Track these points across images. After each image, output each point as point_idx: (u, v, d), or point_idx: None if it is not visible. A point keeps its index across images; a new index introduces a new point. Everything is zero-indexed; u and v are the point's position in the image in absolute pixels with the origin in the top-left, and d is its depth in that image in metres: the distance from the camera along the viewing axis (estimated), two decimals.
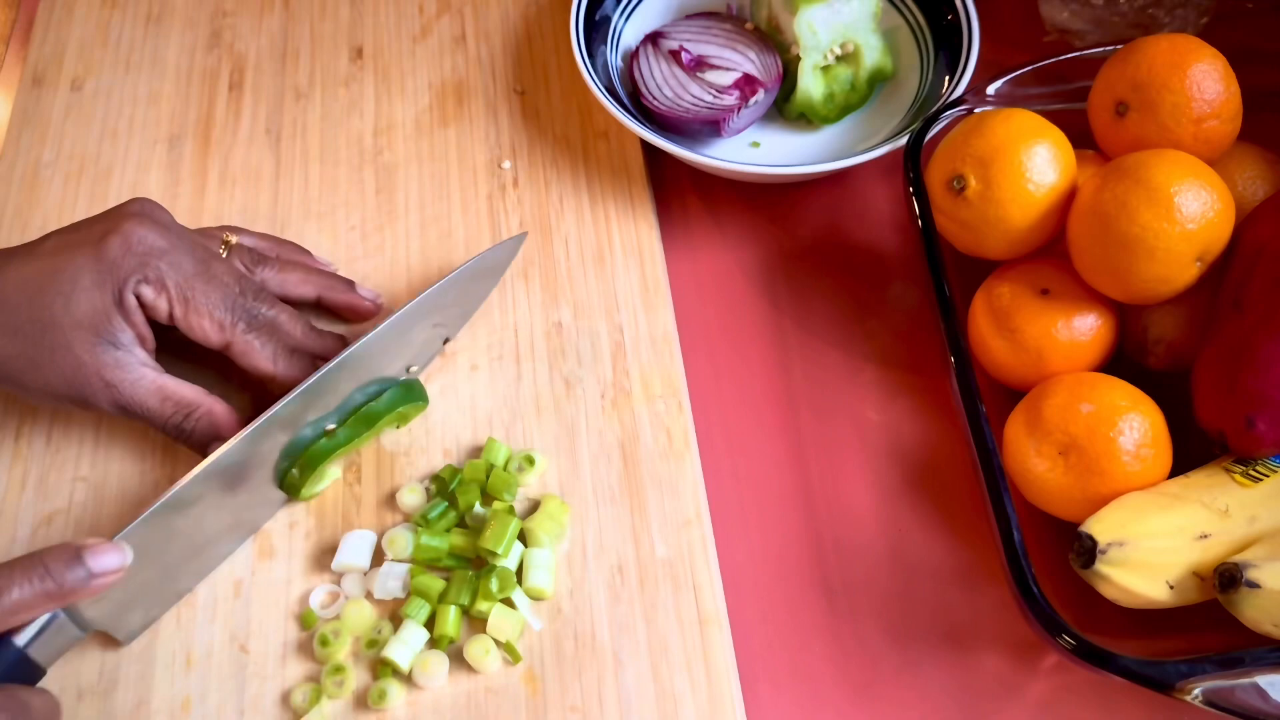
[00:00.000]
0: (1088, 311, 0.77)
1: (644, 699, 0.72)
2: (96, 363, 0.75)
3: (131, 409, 0.77)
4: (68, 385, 0.76)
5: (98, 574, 0.65)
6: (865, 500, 0.82)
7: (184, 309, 0.77)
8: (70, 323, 0.75)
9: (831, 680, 0.76)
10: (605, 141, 0.98)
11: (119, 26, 1.09)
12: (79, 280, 0.75)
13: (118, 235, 0.76)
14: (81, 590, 0.65)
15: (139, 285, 0.75)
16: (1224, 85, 0.77)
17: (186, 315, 0.77)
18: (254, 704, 0.73)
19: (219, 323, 0.78)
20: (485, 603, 0.74)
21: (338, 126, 1.01)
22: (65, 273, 0.75)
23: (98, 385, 0.76)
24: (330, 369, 0.76)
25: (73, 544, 0.65)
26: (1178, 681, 0.61)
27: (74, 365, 0.75)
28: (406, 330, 0.81)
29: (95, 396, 0.77)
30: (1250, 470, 0.70)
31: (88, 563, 0.65)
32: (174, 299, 0.76)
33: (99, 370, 0.76)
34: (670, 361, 0.86)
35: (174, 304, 0.76)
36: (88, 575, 0.65)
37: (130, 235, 0.76)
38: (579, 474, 0.81)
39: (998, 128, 0.78)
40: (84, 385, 0.76)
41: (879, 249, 0.94)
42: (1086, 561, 0.67)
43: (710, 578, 0.77)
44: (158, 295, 0.76)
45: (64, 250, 0.76)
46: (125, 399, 0.77)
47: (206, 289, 0.77)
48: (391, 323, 0.78)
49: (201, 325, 0.77)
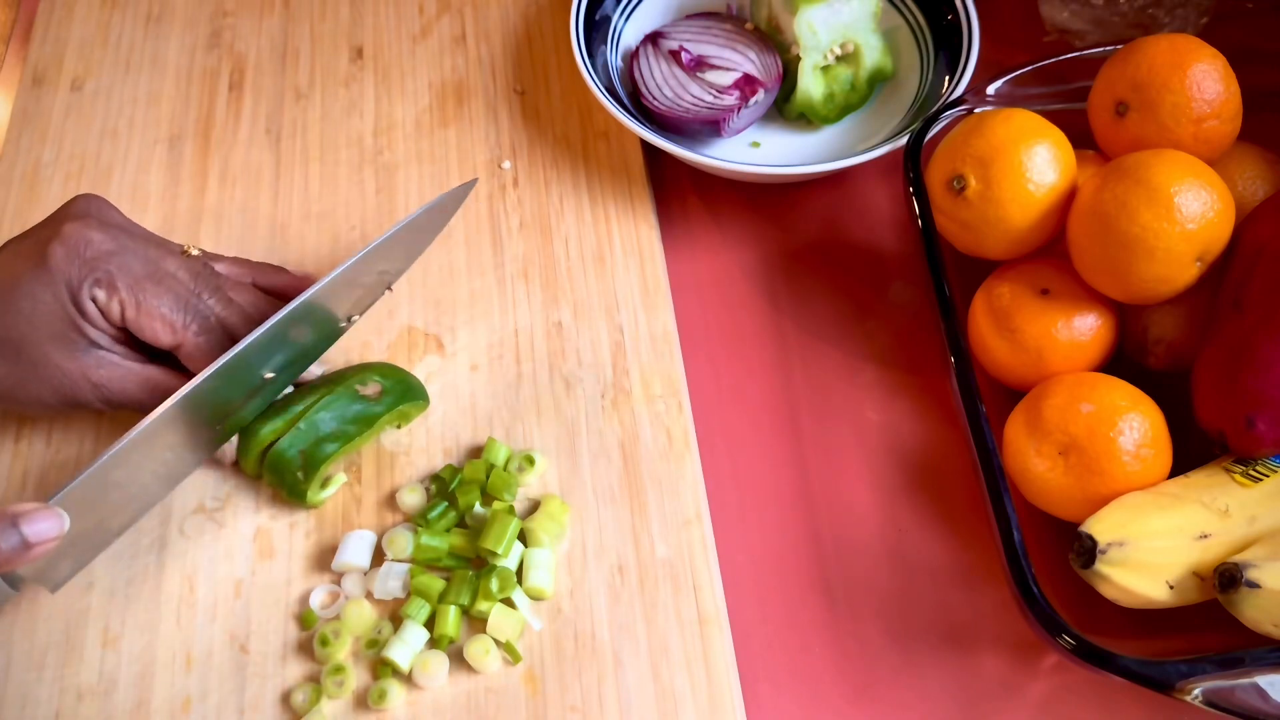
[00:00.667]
0: (1088, 311, 0.77)
1: (644, 699, 0.72)
2: (79, 366, 0.75)
3: (122, 403, 0.77)
4: (57, 394, 0.76)
5: (33, 542, 0.64)
6: (865, 500, 0.82)
7: (135, 311, 0.75)
8: (41, 337, 0.74)
9: (831, 680, 0.76)
10: (605, 141, 0.98)
11: (119, 26, 1.10)
12: (35, 294, 0.73)
13: (59, 242, 0.74)
14: (16, 559, 0.63)
15: (93, 289, 0.74)
16: (1224, 85, 0.77)
17: (138, 318, 0.75)
18: (254, 704, 0.73)
19: (170, 324, 0.76)
20: (485, 603, 0.74)
21: (338, 126, 1.01)
22: (20, 289, 0.74)
23: (85, 388, 0.76)
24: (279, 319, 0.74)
25: (7, 510, 0.64)
26: (1178, 681, 0.61)
27: (58, 374, 0.75)
28: (353, 280, 0.79)
29: (85, 398, 0.77)
30: (1250, 470, 0.70)
31: (23, 530, 0.63)
32: (124, 301, 0.75)
33: (83, 373, 0.75)
34: (670, 361, 0.86)
35: (125, 306, 0.75)
36: (22, 544, 0.63)
37: (72, 240, 0.74)
38: (579, 474, 0.81)
39: (998, 128, 0.78)
40: (72, 390, 0.76)
41: (879, 249, 0.94)
42: (1086, 561, 0.67)
43: (710, 578, 0.77)
44: (109, 298, 0.74)
45: (13, 264, 0.75)
46: (114, 395, 0.77)
47: (157, 290, 0.76)
48: (341, 273, 0.76)
49: (153, 327, 0.76)
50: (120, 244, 0.76)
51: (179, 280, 0.77)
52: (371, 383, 0.81)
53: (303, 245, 0.93)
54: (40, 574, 0.71)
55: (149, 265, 0.76)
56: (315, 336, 0.81)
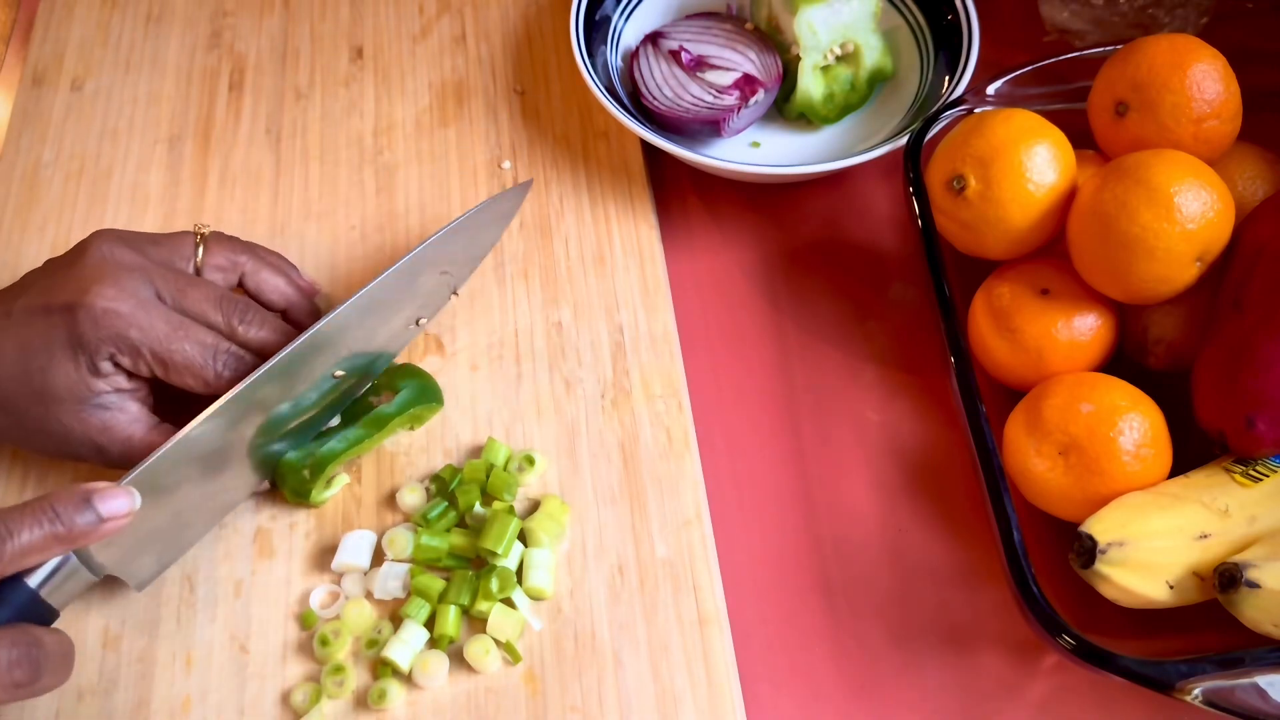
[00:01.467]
0: (1088, 311, 0.77)
1: (644, 699, 0.72)
2: (84, 428, 0.76)
3: (122, 465, 0.77)
4: (60, 450, 0.78)
5: (106, 518, 0.66)
6: (865, 500, 0.82)
7: (164, 370, 0.76)
8: (51, 396, 0.75)
9: (832, 680, 0.75)
10: (605, 142, 0.98)
11: (119, 26, 1.09)
12: (53, 354, 0.74)
13: (84, 310, 0.74)
14: (91, 534, 0.66)
15: (115, 357, 0.75)
16: (1224, 85, 0.77)
17: (168, 375, 0.76)
18: (254, 704, 0.73)
19: (202, 379, 0.76)
20: (485, 603, 0.74)
21: (338, 127, 1.01)
22: (37, 346, 0.74)
23: (88, 450, 0.77)
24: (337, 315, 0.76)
25: (82, 487, 0.66)
26: (1178, 681, 0.61)
27: (62, 433, 0.76)
28: (413, 278, 0.80)
29: (88, 458, 0.78)
30: (1250, 470, 0.70)
31: (96, 506, 0.66)
32: (151, 363, 0.75)
33: (86, 435, 0.76)
34: (670, 361, 0.86)
35: (153, 367, 0.75)
36: (96, 519, 0.65)
37: (95, 309, 0.74)
38: (579, 474, 0.81)
39: (998, 128, 0.78)
40: (75, 450, 0.77)
41: (879, 249, 0.94)
42: (1086, 561, 0.67)
43: (710, 578, 0.76)
44: (135, 362, 0.75)
45: (33, 320, 0.75)
46: (116, 460, 0.77)
47: (182, 345, 0.76)
48: (397, 269, 0.78)
49: (185, 382, 0.76)
50: (141, 300, 0.75)
51: (207, 319, 0.78)
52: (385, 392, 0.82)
53: (302, 245, 0.93)
54: (124, 566, 0.73)
55: (170, 324, 0.76)
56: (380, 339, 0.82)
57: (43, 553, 0.64)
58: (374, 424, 0.80)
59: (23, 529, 0.63)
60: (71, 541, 0.65)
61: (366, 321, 0.79)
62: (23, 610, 0.66)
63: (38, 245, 0.94)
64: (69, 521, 0.64)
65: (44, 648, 0.63)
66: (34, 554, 0.64)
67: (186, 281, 0.79)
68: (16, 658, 0.61)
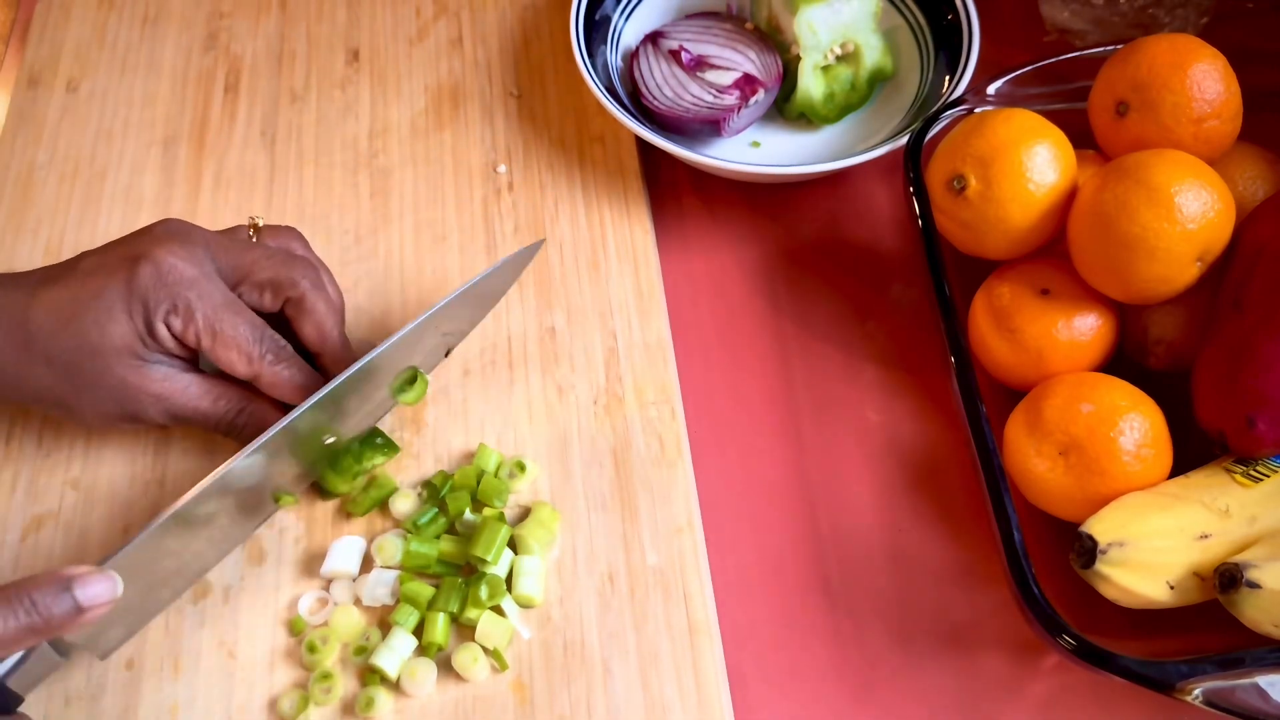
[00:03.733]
0: (1088, 311, 0.76)
1: (633, 708, 0.72)
2: (142, 380, 0.75)
3: (185, 416, 0.77)
4: (118, 405, 0.76)
5: (86, 607, 0.62)
6: (865, 500, 0.82)
7: (211, 340, 0.75)
8: (109, 349, 0.73)
9: (831, 681, 0.75)
10: (601, 145, 0.98)
11: (115, 28, 1.09)
12: (112, 308, 0.73)
13: (149, 263, 0.74)
14: (68, 624, 0.61)
15: (168, 316, 0.74)
16: (1224, 85, 0.77)
17: (214, 347, 0.75)
18: (241, 710, 0.73)
19: (247, 355, 0.75)
20: (474, 610, 0.73)
21: (333, 129, 1.01)
22: (99, 300, 0.73)
23: (148, 401, 0.76)
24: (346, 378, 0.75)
25: (60, 573, 0.62)
26: (1178, 681, 0.61)
27: (120, 385, 0.75)
28: (418, 339, 0.79)
29: (147, 411, 0.76)
30: (1250, 470, 0.70)
31: (76, 595, 0.61)
32: (201, 330, 0.74)
33: (145, 387, 0.75)
34: (664, 368, 0.85)
35: (201, 335, 0.74)
36: (75, 609, 0.61)
37: (162, 264, 0.74)
38: (570, 481, 0.80)
39: (998, 128, 0.77)
40: (134, 403, 0.76)
41: (879, 249, 0.94)
42: (1086, 561, 0.67)
43: (701, 586, 0.76)
44: (185, 326, 0.74)
45: (96, 275, 0.74)
46: (178, 408, 0.76)
47: (235, 320, 0.75)
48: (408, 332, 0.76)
49: (229, 357, 0.75)
50: (203, 270, 0.75)
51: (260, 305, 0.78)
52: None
53: None
54: (91, 640, 0.70)
55: (227, 295, 0.76)
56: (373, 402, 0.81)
57: (15, 645, 0.60)
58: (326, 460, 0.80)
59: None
60: (48, 632, 0.61)
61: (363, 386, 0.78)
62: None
63: (31, 247, 0.94)
64: (46, 612, 0.60)
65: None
66: (8, 646, 0.60)
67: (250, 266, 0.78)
68: None
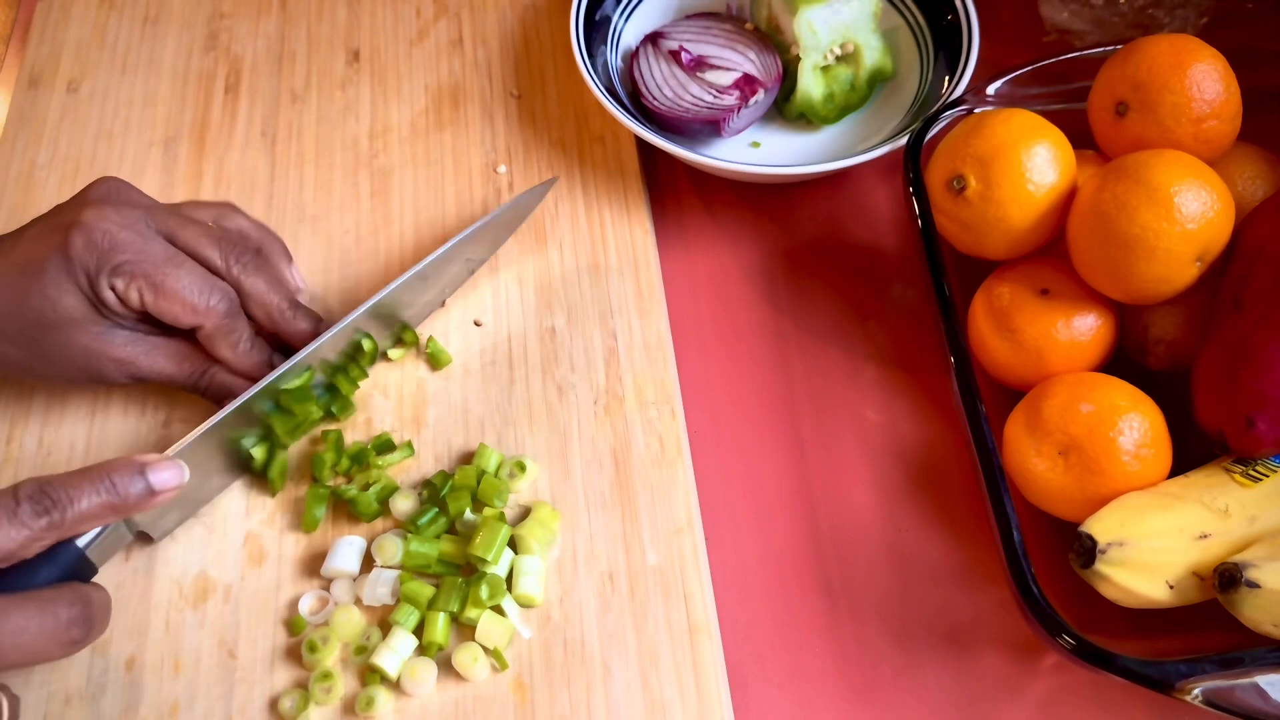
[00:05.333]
0: (1088, 311, 0.76)
1: (633, 708, 0.72)
2: (104, 346, 0.77)
3: (149, 377, 0.79)
4: (82, 371, 0.79)
5: (158, 490, 0.68)
6: (865, 500, 0.82)
7: (154, 295, 0.76)
8: (65, 321, 0.76)
9: (831, 681, 0.75)
10: (601, 146, 0.98)
11: (116, 28, 1.09)
12: (56, 280, 0.75)
13: (79, 230, 0.75)
14: (142, 504, 0.68)
15: (111, 279, 0.75)
16: (1224, 85, 0.77)
17: (157, 301, 0.76)
18: (241, 710, 0.73)
19: (191, 306, 0.76)
20: (475, 610, 0.73)
21: (333, 130, 1.01)
22: (43, 274, 0.75)
23: (110, 366, 0.78)
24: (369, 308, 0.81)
25: (135, 459, 0.68)
26: (1178, 681, 0.61)
27: (83, 354, 0.77)
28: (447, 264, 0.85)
29: (110, 375, 0.79)
30: (1250, 470, 0.70)
31: (149, 478, 0.68)
32: (144, 288, 0.75)
33: (108, 352, 0.77)
34: (664, 368, 0.85)
35: (144, 293, 0.75)
36: (149, 490, 0.68)
37: (92, 229, 0.75)
38: (570, 481, 0.80)
39: (998, 128, 0.77)
40: (98, 368, 0.78)
41: (879, 249, 0.94)
42: (1086, 561, 0.67)
43: (701, 586, 0.76)
44: (127, 287, 0.75)
45: (35, 245, 0.76)
46: (143, 370, 0.79)
47: (177, 273, 0.76)
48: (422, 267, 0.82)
49: (172, 310, 0.76)
50: (139, 231, 0.77)
51: (203, 257, 0.79)
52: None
53: (296, 249, 0.92)
54: (153, 523, 0.78)
55: (168, 250, 0.77)
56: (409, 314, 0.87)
57: (96, 520, 0.67)
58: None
59: (82, 497, 0.65)
60: (125, 511, 0.68)
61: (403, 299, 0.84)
62: (72, 569, 0.69)
63: None
64: (124, 491, 0.67)
65: (93, 605, 0.67)
66: (90, 521, 0.66)
67: (186, 219, 0.80)
68: (75, 616, 0.65)
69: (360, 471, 0.81)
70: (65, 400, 0.86)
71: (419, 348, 0.87)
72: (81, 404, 0.86)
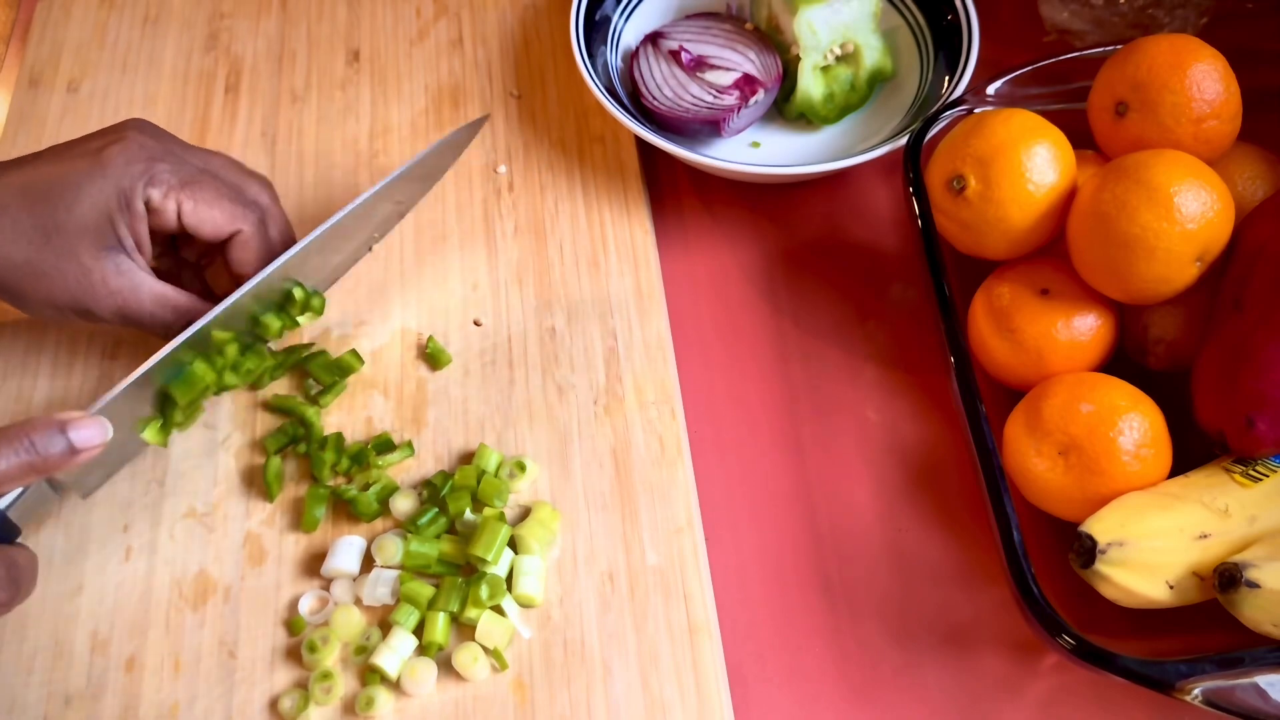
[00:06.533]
0: (1088, 311, 0.76)
1: (633, 708, 0.72)
2: (101, 270, 0.77)
3: (132, 316, 0.79)
4: (71, 295, 0.77)
5: (79, 448, 0.68)
6: (865, 500, 0.82)
7: (193, 203, 0.78)
8: (75, 228, 0.76)
9: (831, 681, 0.75)
10: (601, 146, 0.98)
11: (116, 28, 1.09)
12: (83, 186, 0.76)
13: (119, 144, 0.77)
14: (63, 463, 0.67)
15: (146, 189, 0.77)
16: (1224, 85, 0.77)
17: (196, 209, 0.78)
18: (241, 710, 0.73)
19: (229, 212, 0.79)
20: (475, 610, 0.73)
21: (334, 129, 1.01)
22: (69, 179, 0.76)
23: (102, 293, 0.77)
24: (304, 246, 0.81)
25: (55, 417, 0.68)
26: (1178, 681, 0.61)
27: (79, 272, 0.77)
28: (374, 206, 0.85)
29: (98, 304, 0.78)
30: (1250, 470, 0.70)
31: (70, 436, 0.68)
32: (182, 197, 0.77)
33: (103, 277, 0.77)
34: (664, 368, 0.85)
35: (182, 202, 0.78)
36: (69, 449, 0.67)
37: (131, 143, 0.77)
38: (570, 481, 0.80)
39: (998, 128, 0.77)
40: (88, 293, 0.77)
41: (879, 249, 0.94)
42: (1086, 561, 0.67)
43: (701, 586, 0.76)
44: (165, 196, 0.77)
45: (65, 158, 0.77)
46: (128, 306, 0.78)
47: (216, 183, 0.79)
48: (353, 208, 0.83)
49: (212, 216, 0.79)
50: (174, 154, 0.80)
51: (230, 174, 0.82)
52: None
53: None
54: (77, 480, 0.77)
55: (200, 164, 0.81)
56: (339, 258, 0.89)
57: (17, 481, 0.66)
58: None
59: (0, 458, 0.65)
60: (45, 470, 0.67)
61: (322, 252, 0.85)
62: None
63: None
64: (44, 451, 0.66)
65: (18, 567, 0.66)
66: (10, 482, 0.66)
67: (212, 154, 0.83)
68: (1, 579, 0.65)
69: (360, 471, 0.81)
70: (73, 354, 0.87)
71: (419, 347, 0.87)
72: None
